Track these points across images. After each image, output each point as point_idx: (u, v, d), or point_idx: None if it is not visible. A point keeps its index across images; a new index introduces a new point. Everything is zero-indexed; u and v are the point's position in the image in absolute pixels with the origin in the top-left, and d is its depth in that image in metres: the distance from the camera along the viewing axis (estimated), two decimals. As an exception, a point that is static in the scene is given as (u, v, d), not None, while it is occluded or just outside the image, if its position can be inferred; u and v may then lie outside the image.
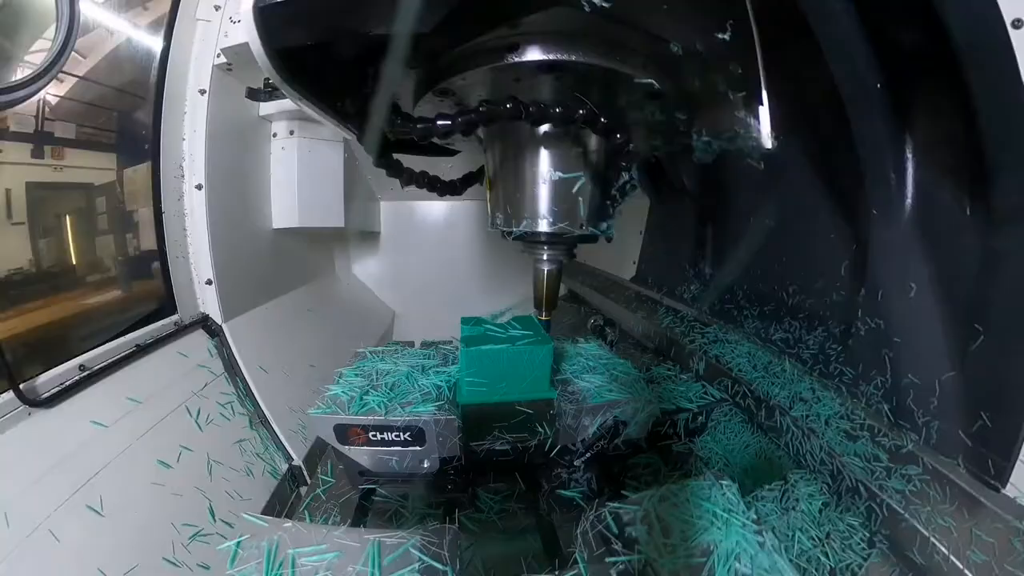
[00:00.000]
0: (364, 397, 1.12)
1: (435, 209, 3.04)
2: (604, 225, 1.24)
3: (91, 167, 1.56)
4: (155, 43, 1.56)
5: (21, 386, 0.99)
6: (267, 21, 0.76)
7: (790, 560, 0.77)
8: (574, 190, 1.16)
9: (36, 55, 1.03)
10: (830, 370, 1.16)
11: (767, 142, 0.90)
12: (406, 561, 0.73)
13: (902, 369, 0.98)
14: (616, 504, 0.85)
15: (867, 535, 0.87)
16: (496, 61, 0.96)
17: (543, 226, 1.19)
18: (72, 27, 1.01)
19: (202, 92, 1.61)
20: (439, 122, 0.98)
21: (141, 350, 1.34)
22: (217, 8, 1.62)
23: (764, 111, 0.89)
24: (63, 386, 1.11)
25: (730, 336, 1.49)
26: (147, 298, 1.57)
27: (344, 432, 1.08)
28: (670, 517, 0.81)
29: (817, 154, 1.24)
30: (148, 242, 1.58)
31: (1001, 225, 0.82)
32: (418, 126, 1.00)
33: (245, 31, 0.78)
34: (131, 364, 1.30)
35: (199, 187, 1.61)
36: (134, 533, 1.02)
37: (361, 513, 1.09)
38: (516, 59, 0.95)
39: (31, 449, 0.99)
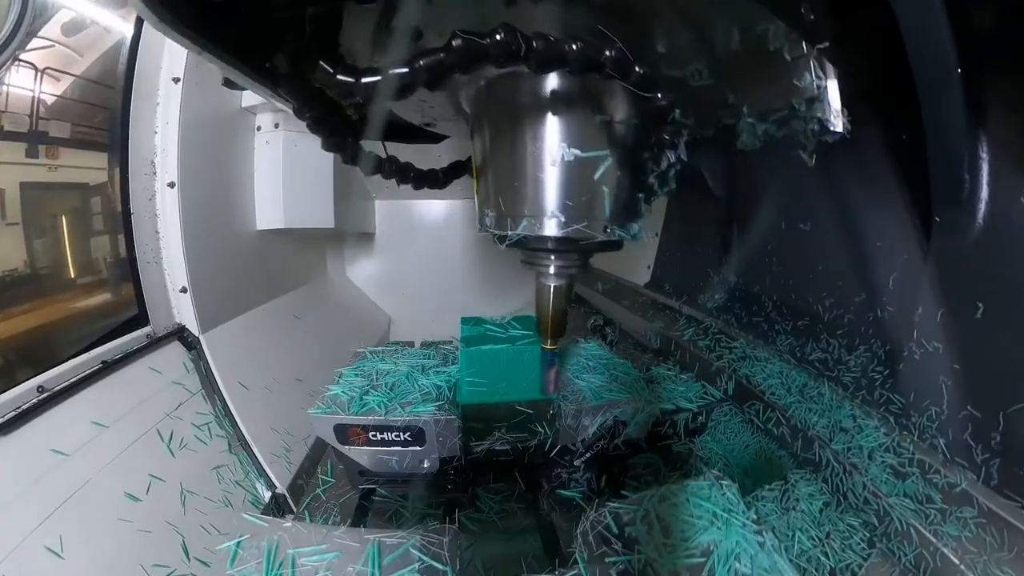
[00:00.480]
0: (364, 397, 1.13)
1: (434, 208, 2.92)
2: (634, 227, 0.92)
3: (53, 164, 1.37)
4: (125, 28, 1.40)
5: None
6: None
7: (790, 560, 0.77)
8: (596, 176, 0.84)
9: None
10: (874, 397, 1.04)
11: (837, 124, 0.71)
12: (406, 561, 0.73)
13: (962, 399, 0.86)
14: (616, 504, 0.85)
15: (867, 535, 0.87)
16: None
17: (550, 228, 0.87)
18: (27, 4, 0.92)
19: (176, 80, 1.48)
20: (393, 71, 0.63)
21: (108, 367, 1.21)
22: None
23: (834, 84, 0.70)
24: (19, 411, 0.99)
25: (759, 353, 1.35)
26: (115, 308, 1.41)
27: (344, 432, 1.09)
28: (670, 517, 0.81)
29: (865, 149, 1.06)
30: (115, 246, 1.43)
31: None
32: (363, 80, 0.65)
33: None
34: (97, 383, 1.17)
35: (171, 185, 1.47)
36: None
37: (361, 513, 1.10)
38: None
39: None
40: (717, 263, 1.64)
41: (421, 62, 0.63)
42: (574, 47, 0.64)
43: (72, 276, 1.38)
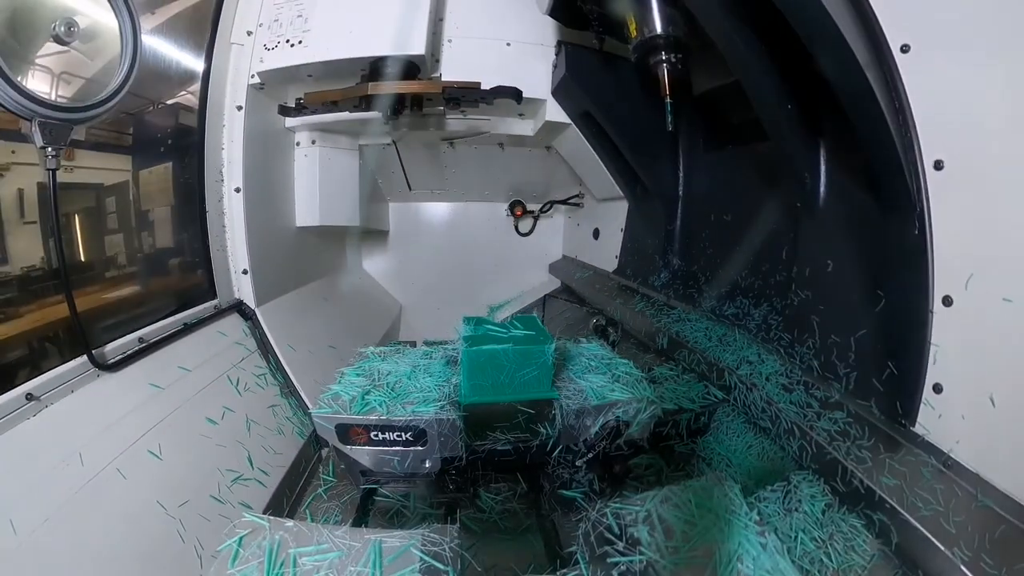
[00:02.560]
0: (366, 397, 1.13)
1: (440, 209, 3.17)
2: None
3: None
4: (196, 64, 1.74)
5: (93, 352, 1.15)
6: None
7: (792, 562, 0.77)
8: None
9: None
10: (770, 336, 1.34)
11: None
12: (407, 561, 0.73)
13: (826, 331, 1.16)
14: (618, 504, 0.84)
15: (870, 536, 0.87)
16: None
17: None
18: (136, 55, 1.15)
19: (239, 108, 1.80)
20: None
21: (188, 328, 1.51)
22: (249, 33, 1.81)
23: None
24: (125, 354, 1.26)
25: (691, 316, 1.67)
26: (191, 286, 1.74)
27: (346, 432, 1.09)
28: (672, 518, 0.80)
29: (758, 162, 1.57)
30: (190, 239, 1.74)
31: (886, 213, 1.01)
32: None
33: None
34: (180, 339, 1.46)
35: (237, 190, 1.79)
36: (186, 475, 1.16)
37: (362, 513, 1.09)
38: None
39: (100, 404, 1.13)
40: (663, 250, 2.02)
41: None
42: None
43: (166, 259, 1.72)
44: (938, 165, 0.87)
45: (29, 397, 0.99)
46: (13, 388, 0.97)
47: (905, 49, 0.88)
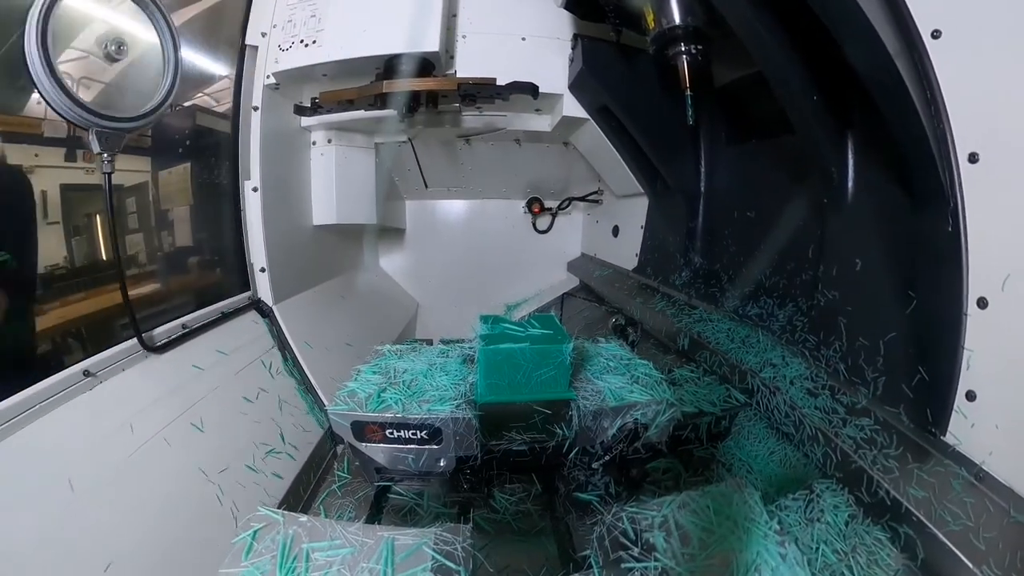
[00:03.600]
0: (382, 394, 1.13)
1: (456, 207, 3.16)
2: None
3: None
4: (221, 68, 1.81)
5: (143, 335, 1.29)
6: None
7: (813, 574, 0.74)
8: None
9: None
10: (795, 338, 1.31)
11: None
12: (419, 559, 0.73)
13: (854, 333, 1.12)
14: (634, 508, 0.82)
15: (895, 551, 0.84)
16: None
17: None
18: (177, 70, 1.30)
19: (255, 108, 1.85)
20: None
21: (225, 316, 1.65)
22: (263, 35, 1.85)
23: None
24: (170, 338, 1.40)
25: (713, 316, 1.63)
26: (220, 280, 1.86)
27: (361, 429, 1.09)
28: (689, 524, 0.78)
29: (782, 157, 1.52)
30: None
31: (918, 209, 0.98)
32: None
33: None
34: (218, 326, 1.59)
35: (255, 189, 1.83)
36: (225, 446, 1.28)
37: (376, 510, 1.10)
38: None
39: (148, 382, 1.27)
40: (684, 248, 1.98)
41: None
42: None
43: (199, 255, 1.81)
44: (973, 158, 0.82)
45: (86, 373, 1.12)
46: (72, 366, 1.11)
47: (936, 35, 0.84)
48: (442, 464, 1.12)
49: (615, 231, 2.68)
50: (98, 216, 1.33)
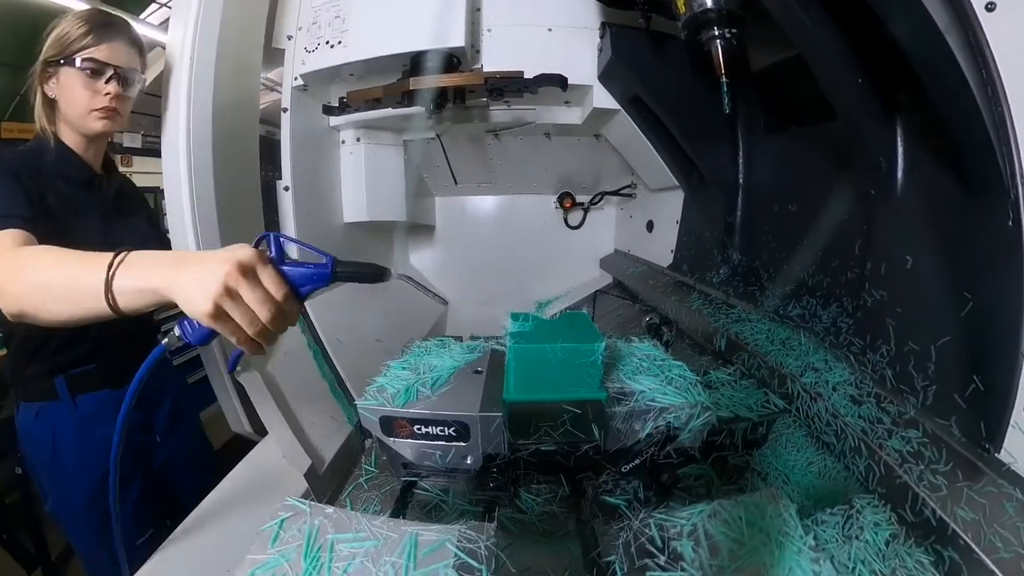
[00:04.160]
0: (410, 390, 1.14)
1: (486, 203, 3.14)
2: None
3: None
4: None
5: None
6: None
7: (850, 596, 0.69)
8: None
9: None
10: (839, 341, 1.24)
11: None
12: (442, 555, 0.73)
13: (903, 337, 1.04)
14: (662, 515, 0.79)
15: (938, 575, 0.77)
16: None
17: None
18: None
19: (284, 110, 1.90)
20: None
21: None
22: (289, 38, 1.90)
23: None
24: None
25: (752, 316, 1.57)
26: None
27: (390, 424, 1.10)
28: (720, 534, 0.75)
29: (824, 142, 1.43)
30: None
31: (975, 201, 0.90)
32: None
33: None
34: None
35: (286, 188, 1.90)
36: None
37: (401, 504, 1.11)
38: None
39: None
40: (722, 244, 1.89)
41: None
42: None
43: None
44: (1035, 143, 0.74)
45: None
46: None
47: (990, 7, 0.75)
48: (469, 461, 1.11)
49: (649, 226, 2.60)
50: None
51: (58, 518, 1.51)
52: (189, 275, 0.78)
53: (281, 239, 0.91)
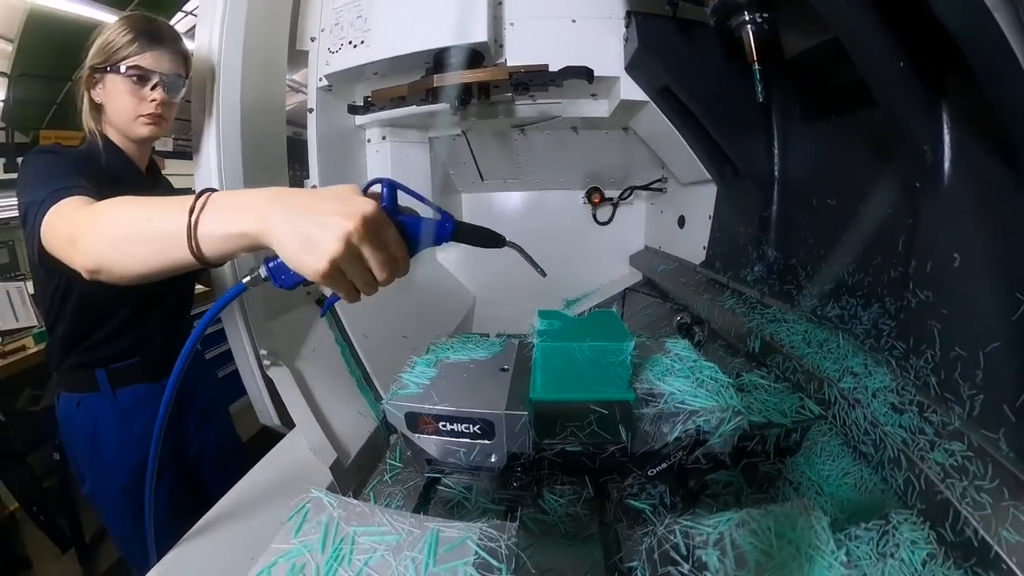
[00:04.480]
0: (436, 386, 1.15)
1: (513, 199, 3.12)
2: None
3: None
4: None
5: None
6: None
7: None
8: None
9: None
10: (880, 344, 1.17)
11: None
12: (462, 553, 0.73)
13: (950, 342, 0.98)
14: (688, 522, 0.77)
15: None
16: None
17: None
18: None
19: (310, 110, 1.96)
20: None
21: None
22: (312, 39, 1.94)
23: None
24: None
25: (788, 316, 1.51)
26: None
27: (415, 420, 1.11)
28: (747, 545, 0.72)
29: (866, 132, 1.34)
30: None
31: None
32: None
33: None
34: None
35: (314, 187, 1.95)
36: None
37: (424, 500, 1.13)
38: None
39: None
40: (757, 240, 1.81)
41: None
42: None
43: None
44: (1092, 130, 0.67)
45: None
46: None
47: None
48: (493, 460, 1.11)
49: (681, 222, 2.53)
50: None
51: (95, 501, 1.60)
52: (299, 226, 0.69)
53: (397, 187, 0.81)
